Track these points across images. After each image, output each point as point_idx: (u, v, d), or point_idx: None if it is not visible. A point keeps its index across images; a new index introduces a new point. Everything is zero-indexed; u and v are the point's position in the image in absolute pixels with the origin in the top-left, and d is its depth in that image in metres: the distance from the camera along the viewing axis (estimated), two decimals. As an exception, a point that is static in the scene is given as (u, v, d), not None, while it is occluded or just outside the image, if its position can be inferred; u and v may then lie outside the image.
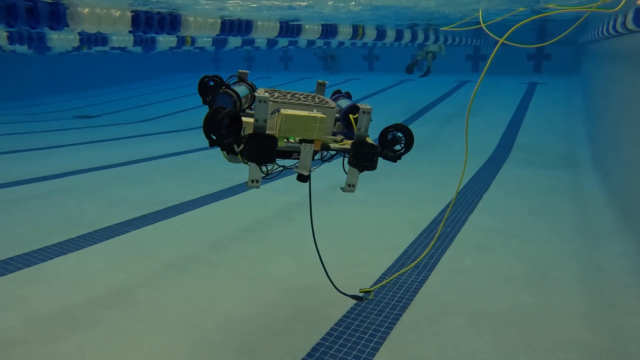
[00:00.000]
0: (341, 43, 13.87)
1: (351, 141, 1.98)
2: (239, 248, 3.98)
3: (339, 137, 2.07)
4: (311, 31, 7.16)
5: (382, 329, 2.77)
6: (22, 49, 9.89)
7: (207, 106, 2.16)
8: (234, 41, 10.86)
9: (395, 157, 1.99)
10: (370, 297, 2.42)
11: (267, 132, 1.86)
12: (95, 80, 18.62)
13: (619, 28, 6.28)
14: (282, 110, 1.83)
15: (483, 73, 2.27)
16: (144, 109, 13.53)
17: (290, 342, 2.64)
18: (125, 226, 4.48)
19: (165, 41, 9.47)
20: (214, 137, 1.78)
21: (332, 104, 2.11)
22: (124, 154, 7.81)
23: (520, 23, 2.48)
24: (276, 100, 1.95)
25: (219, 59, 22.84)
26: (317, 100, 2.11)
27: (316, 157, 2.04)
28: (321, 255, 2.39)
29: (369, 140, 2.03)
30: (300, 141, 1.89)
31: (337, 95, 2.39)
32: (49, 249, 3.94)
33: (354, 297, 2.44)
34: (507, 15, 6.66)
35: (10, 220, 4.68)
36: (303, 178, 2.00)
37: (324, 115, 1.87)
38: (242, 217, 4.69)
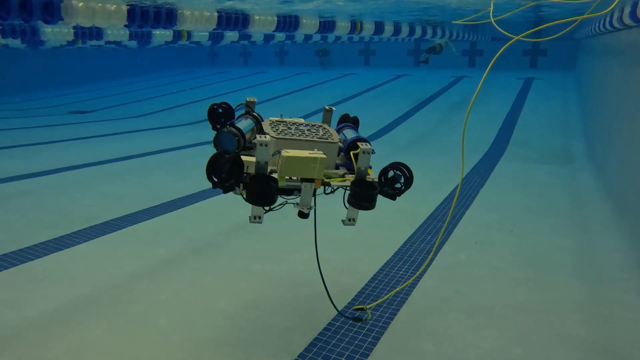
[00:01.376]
0: (338, 37, 13.83)
1: (352, 176, 2.01)
2: (235, 244, 3.97)
3: (341, 171, 2.10)
4: (308, 26, 7.11)
5: (380, 324, 2.77)
6: (15, 43, 9.79)
7: (215, 131, 2.23)
8: (230, 36, 10.79)
9: (394, 195, 2.02)
10: (369, 318, 2.45)
11: (270, 168, 1.92)
12: (89, 75, 18.48)
13: (615, 23, 6.28)
14: (283, 152, 1.88)
15: (486, 71, 2.26)
16: (139, 104, 13.45)
17: (288, 337, 2.64)
18: (120, 222, 4.46)
19: (161, 35, 9.39)
20: (216, 180, 1.86)
21: (336, 136, 2.14)
22: (119, 149, 7.76)
23: (520, 8, 2.46)
24: (279, 136, 2.00)
25: (215, 54, 22.71)
26: (321, 132, 2.15)
27: (318, 192, 2.08)
28: (322, 271, 2.42)
29: (370, 175, 2.04)
30: (301, 180, 1.93)
31: (342, 125, 2.41)
32: (43, 245, 3.91)
33: (354, 319, 2.47)
34: (517, 10, 6.61)
35: (3, 216, 4.64)
36: (303, 215, 2.06)
37: (324, 156, 1.90)
38: (238, 213, 4.67)
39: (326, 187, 2.08)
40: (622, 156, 5.28)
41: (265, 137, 1.84)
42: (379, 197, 2.03)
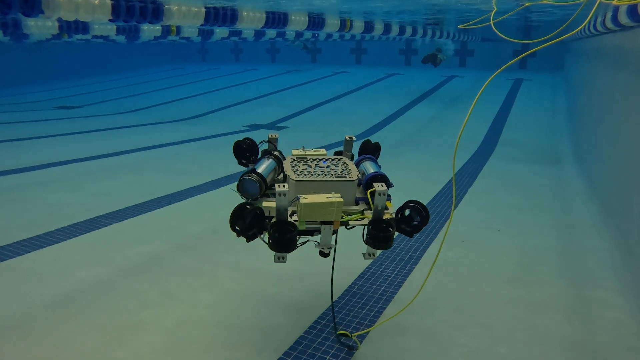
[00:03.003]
0: (329, 35, 13.80)
1: (370, 213, 2.09)
2: (224, 241, 3.94)
3: (360, 206, 2.18)
4: (297, 22, 7.08)
5: (365, 322, 2.77)
6: (-2, 35, 9.58)
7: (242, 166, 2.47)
8: (221, 32, 10.70)
9: (411, 232, 2.08)
10: (358, 348, 2.47)
11: (292, 210, 2.06)
12: (76, 70, 18.21)
13: (599, 27, 6.37)
14: (302, 199, 1.98)
15: (496, 73, 2.25)
16: (128, 100, 13.30)
17: (273, 335, 2.63)
18: (107, 219, 4.40)
19: (150, 30, 9.28)
20: (239, 229, 2.01)
21: (354, 173, 2.23)
22: (107, 145, 7.66)
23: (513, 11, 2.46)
24: (298, 178, 2.13)
25: (206, 50, 22.55)
26: (340, 169, 2.25)
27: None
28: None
29: (389, 209, 2.13)
30: (321, 222, 2.04)
31: (362, 157, 2.49)
32: (27, 242, 3.85)
33: (348, 346, 2.49)
34: (517, 9, 6.64)
35: (-14, 212, 4.55)
36: (324, 254, 2.21)
37: (341, 200, 2.00)
38: (227, 210, 4.64)
39: (348, 224, 2.17)
40: (606, 157, 5.35)
41: (283, 186, 1.98)
42: None
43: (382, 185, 2.04)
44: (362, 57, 19.41)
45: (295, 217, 2.02)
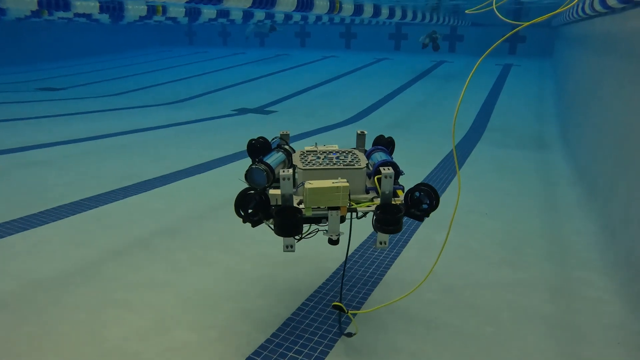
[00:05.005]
0: (318, 18, 13.60)
1: (379, 200, 2.05)
2: (210, 225, 3.90)
3: (370, 195, 2.15)
4: (286, 3, 6.94)
5: (353, 304, 2.78)
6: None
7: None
8: (208, 13, 10.46)
9: (421, 216, 2.06)
10: (356, 332, 2.45)
11: (299, 199, 2.04)
12: (59, 51, 17.73)
13: (587, 9, 6.36)
14: (306, 184, 1.94)
15: (480, 59, 2.23)
16: (114, 83, 13.02)
17: (260, 318, 2.62)
18: (91, 202, 4.33)
19: (135, 10, 9.01)
20: (244, 214, 1.99)
21: (363, 162, 2.20)
22: (92, 128, 7.51)
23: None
24: (306, 167, 2.11)
25: (193, 33, 22.13)
26: (349, 159, 2.23)
27: (348, 218, 2.16)
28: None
29: (400, 197, 2.09)
30: (328, 208, 2.00)
31: (373, 148, 2.45)
32: (9, 224, 3.77)
33: (345, 334, 2.47)
34: None
35: (-34, 195, 4.44)
36: (333, 242, 2.15)
37: (347, 184, 1.96)
38: (214, 193, 4.60)
39: (358, 212, 2.15)
40: (592, 142, 5.40)
41: (287, 171, 1.95)
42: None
43: (388, 169, 2.00)
44: (351, 41, 19.23)
45: (302, 206, 2.00)
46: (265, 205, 2.00)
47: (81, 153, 6.05)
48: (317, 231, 2.18)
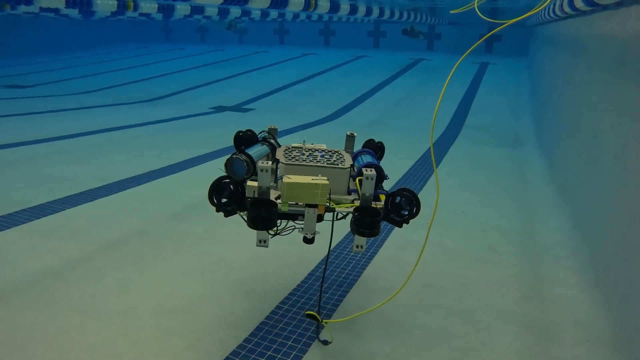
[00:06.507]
0: (296, 16, 13.50)
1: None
2: (184, 226, 3.81)
3: (351, 197, 2.09)
4: (260, 1, 6.84)
5: (329, 306, 2.74)
6: None
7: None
8: (182, 9, 10.25)
9: (400, 222, 2.01)
10: (331, 340, 2.38)
11: (278, 193, 1.97)
12: (26, 46, 17.01)
13: (557, 11, 6.48)
14: (285, 178, 1.88)
15: (462, 57, 2.22)
16: (86, 80, 12.65)
17: (234, 320, 2.56)
18: (59, 204, 4.17)
19: (105, 4, 8.73)
20: (217, 203, 1.93)
21: (347, 163, 2.14)
22: (61, 127, 7.27)
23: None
24: (288, 162, 2.04)
25: (170, 29, 21.72)
26: (334, 158, 2.16)
27: (327, 219, 2.09)
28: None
29: (381, 202, 2.03)
30: (305, 205, 1.94)
31: (361, 150, 2.40)
32: (-30, 229, 3.59)
33: (323, 342, 2.40)
34: None
35: None
36: (308, 240, 2.09)
37: (327, 182, 1.89)
38: (189, 194, 4.49)
39: (338, 213, 2.10)
40: (563, 140, 5.51)
41: (266, 163, 1.89)
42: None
43: (370, 170, 1.95)
44: (330, 38, 19.19)
45: (280, 200, 1.95)
46: (241, 196, 1.95)
47: (49, 153, 5.84)
48: (293, 229, 2.12)
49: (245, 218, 1.95)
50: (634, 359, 2.26)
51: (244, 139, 2.40)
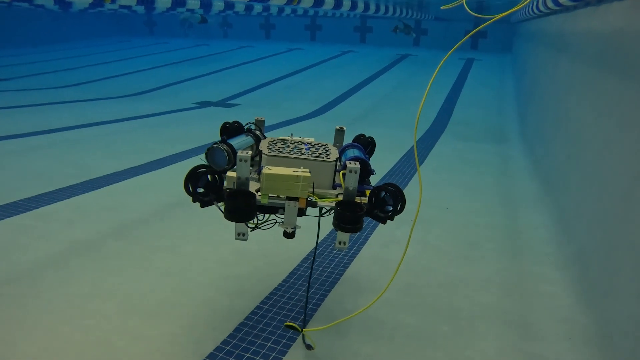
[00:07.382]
0: (281, 10, 13.36)
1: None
2: (162, 225, 3.71)
3: (336, 191, 2.03)
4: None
5: (310, 305, 2.69)
6: None
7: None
8: (164, 2, 10.03)
9: (385, 219, 1.94)
10: (313, 347, 2.30)
11: (257, 186, 1.91)
12: (3, 38, 16.50)
13: (541, 7, 6.50)
14: (265, 169, 1.83)
15: (448, 54, 2.16)
16: (65, 74, 12.34)
17: (212, 321, 2.48)
18: (32, 202, 4.03)
19: (81, -5, 8.42)
20: (193, 192, 1.88)
21: (333, 156, 2.07)
22: (38, 122, 7.06)
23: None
24: (270, 153, 1.97)
25: (154, 23, 21.34)
26: (320, 151, 2.10)
27: (314, 214, 2.04)
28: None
29: (366, 197, 1.96)
30: (286, 198, 1.88)
31: (348, 144, 2.31)
32: (-63, 229, 3.44)
33: (307, 346, 2.33)
34: None
35: None
36: (288, 235, 2.05)
37: (308, 174, 1.84)
38: (169, 191, 4.38)
39: (322, 209, 2.04)
40: (546, 136, 5.53)
41: (245, 153, 1.82)
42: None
43: (355, 164, 1.88)
44: (316, 33, 19.07)
45: (259, 192, 1.88)
46: (218, 186, 1.89)
47: (24, 148, 5.65)
48: (274, 222, 2.05)
49: (222, 209, 1.89)
50: (615, 356, 2.25)
51: (230, 130, 2.34)
